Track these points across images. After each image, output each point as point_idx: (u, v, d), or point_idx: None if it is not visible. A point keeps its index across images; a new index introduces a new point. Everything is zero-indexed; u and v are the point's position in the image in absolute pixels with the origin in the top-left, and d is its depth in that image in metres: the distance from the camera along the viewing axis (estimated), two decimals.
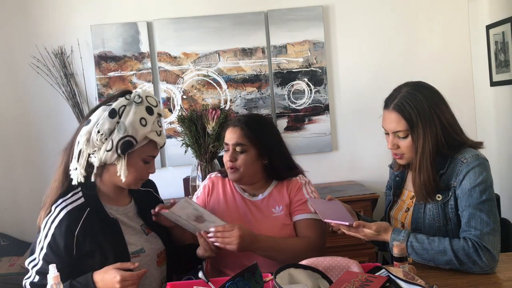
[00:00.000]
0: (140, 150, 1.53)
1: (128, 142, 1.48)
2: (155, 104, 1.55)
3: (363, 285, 1.24)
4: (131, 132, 1.48)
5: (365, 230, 1.55)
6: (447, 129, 1.56)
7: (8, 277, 2.69)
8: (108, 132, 1.47)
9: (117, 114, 1.48)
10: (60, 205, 1.48)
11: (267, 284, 1.37)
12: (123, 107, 1.49)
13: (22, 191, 3.16)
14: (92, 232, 1.48)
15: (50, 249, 1.45)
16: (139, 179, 1.58)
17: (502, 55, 2.88)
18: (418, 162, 1.57)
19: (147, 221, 1.65)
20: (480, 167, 1.52)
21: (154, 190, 1.79)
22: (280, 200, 1.79)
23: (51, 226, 1.46)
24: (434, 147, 1.55)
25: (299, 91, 3.21)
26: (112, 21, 3.14)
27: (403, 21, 3.23)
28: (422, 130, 1.54)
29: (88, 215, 1.49)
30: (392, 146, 1.62)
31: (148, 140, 1.53)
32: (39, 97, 3.13)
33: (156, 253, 1.61)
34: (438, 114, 1.55)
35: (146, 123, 1.50)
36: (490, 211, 1.50)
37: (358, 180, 3.23)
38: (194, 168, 2.83)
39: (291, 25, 3.17)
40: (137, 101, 1.51)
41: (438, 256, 1.49)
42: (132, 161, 1.53)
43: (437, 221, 1.58)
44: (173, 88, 3.18)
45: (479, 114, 3.21)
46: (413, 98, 1.56)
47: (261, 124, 1.84)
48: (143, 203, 1.68)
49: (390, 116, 1.60)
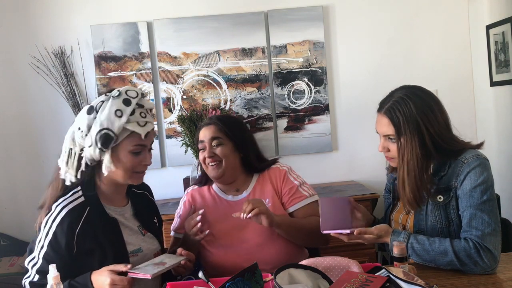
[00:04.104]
0: (124, 142, 1.52)
1: (105, 135, 1.47)
2: (134, 96, 1.52)
3: (363, 285, 1.24)
4: (106, 124, 1.47)
5: (365, 236, 1.54)
6: (435, 139, 1.54)
7: (8, 277, 2.69)
8: (87, 129, 1.49)
9: (94, 110, 1.49)
10: (61, 204, 1.49)
11: (267, 284, 1.37)
12: (101, 102, 1.50)
13: (22, 191, 3.16)
14: (92, 231, 1.49)
15: (51, 247, 1.45)
16: (132, 171, 1.56)
17: (502, 55, 2.88)
18: (405, 172, 1.55)
19: (143, 222, 1.67)
20: (481, 167, 1.52)
21: (149, 193, 1.80)
22: (267, 193, 1.80)
23: (52, 225, 1.47)
24: (421, 156, 1.53)
25: (299, 91, 3.21)
26: (112, 21, 3.14)
27: (403, 21, 3.22)
28: (410, 137, 1.53)
29: (89, 213, 1.50)
30: (382, 149, 1.63)
31: (130, 131, 1.51)
32: (39, 97, 3.13)
33: (153, 253, 1.63)
34: (426, 124, 1.52)
35: (122, 114, 1.48)
36: (491, 211, 1.50)
37: (358, 180, 3.23)
38: (194, 168, 2.84)
39: (291, 25, 3.17)
40: (114, 95, 1.51)
41: (439, 257, 1.49)
42: (120, 154, 1.52)
43: (439, 222, 1.58)
44: (173, 88, 3.18)
45: (479, 114, 3.21)
46: (403, 104, 1.55)
47: (232, 120, 1.92)
48: (138, 205, 1.69)
49: (381, 119, 1.60)
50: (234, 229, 1.75)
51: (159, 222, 1.79)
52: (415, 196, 1.56)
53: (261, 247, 1.71)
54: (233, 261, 1.69)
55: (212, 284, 1.39)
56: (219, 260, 1.73)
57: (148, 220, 1.71)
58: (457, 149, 1.56)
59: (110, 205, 1.59)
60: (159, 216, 1.82)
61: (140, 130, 1.51)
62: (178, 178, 3.05)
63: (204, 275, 1.43)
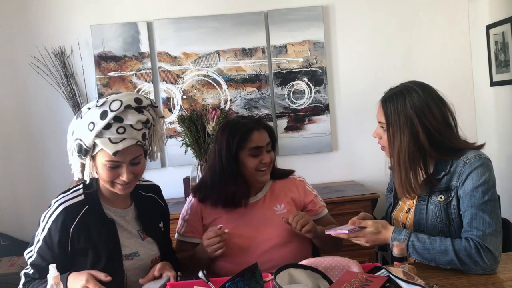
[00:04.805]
0: (99, 155, 1.45)
1: (79, 145, 1.44)
2: (115, 108, 1.41)
3: (363, 285, 1.24)
4: (79, 135, 1.44)
5: (365, 231, 1.55)
6: (433, 134, 1.54)
7: (8, 277, 2.69)
8: (70, 133, 1.48)
9: (80, 116, 1.46)
10: (59, 200, 1.50)
11: (267, 284, 1.37)
12: (87, 109, 1.45)
13: (22, 191, 3.15)
14: (87, 230, 1.49)
15: (45, 243, 1.46)
16: (110, 184, 1.50)
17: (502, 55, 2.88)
18: (396, 162, 1.60)
19: (145, 226, 1.63)
20: (483, 167, 1.52)
21: (158, 196, 1.74)
22: (281, 199, 1.83)
23: (48, 220, 1.48)
24: (413, 150, 1.55)
25: (299, 91, 3.21)
26: (112, 21, 3.14)
27: (403, 21, 3.22)
28: (399, 129, 1.56)
29: (86, 212, 1.49)
30: (376, 135, 1.68)
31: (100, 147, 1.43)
32: (39, 97, 3.13)
33: (151, 258, 1.60)
34: (422, 119, 1.54)
35: (94, 127, 1.41)
36: (493, 212, 1.50)
37: (358, 180, 3.23)
38: (194, 168, 2.84)
39: (291, 25, 3.17)
40: (98, 104, 1.44)
41: (439, 256, 1.49)
42: (97, 164, 1.48)
43: (439, 222, 1.58)
44: (173, 88, 3.18)
45: (479, 114, 3.21)
46: (400, 97, 1.58)
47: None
48: (143, 208, 1.65)
49: (379, 107, 1.65)
50: (249, 229, 1.75)
51: (165, 227, 1.73)
52: (403, 186, 1.60)
53: (277, 248, 1.73)
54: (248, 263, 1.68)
55: (212, 284, 1.39)
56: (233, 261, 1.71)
57: (151, 225, 1.66)
58: (458, 147, 1.57)
59: (110, 205, 1.57)
60: (167, 220, 1.77)
61: (110, 148, 1.41)
62: (178, 178, 3.05)
63: (204, 275, 1.43)
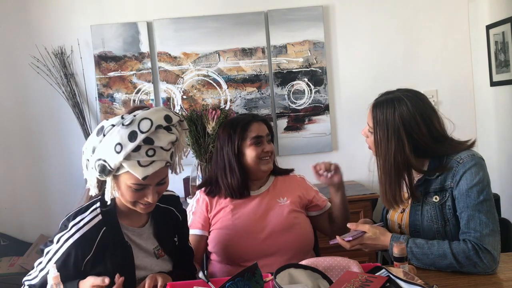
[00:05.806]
0: (123, 176, 1.37)
1: (102, 166, 1.35)
2: (145, 130, 1.32)
3: (363, 285, 1.24)
4: (103, 156, 1.34)
5: (365, 236, 1.60)
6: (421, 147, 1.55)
7: (8, 277, 2.69)
8: (91, 150, 1.38)
9: (102, 133, 1.36)
10: (77, 225, 1.42)
11: (267, 284, 1.37)
12: (111, 126, 1.36)
13: (22, 191, 3.15)
14: (103, 256, 1.43)
15: (59, 264, 1.40)
16: (132, 204, 1.43)
17: (502, 55, 2.88)
18: (381, 171, 1.62)
19: (162, 242, 1.57)
20: (476, 167, 1.52)
21: (176, 209, 1.65)
22: (285, 193, 1.91)
23: (64, 244, 1.41)
24: (398, 161, 1.56)
25: (299, 91, 3.21)
26: (112, 21, 3.14)
27: (403, 21, 3.22)
28: (385, 139, 1.57)
29: (103, 236, 1.43)
30: (364, 134, 1.72)
31: (127, 170, 1.35)
32: (39, 97, 3.13)
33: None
34: (410, 132, 1.54)
35: (121, 149, 1.32)
36: (489, 211, 1.50)
37: (358, 180, 3.22)
38: (194, 168, 2.84)
39: (291, 25, 3.17)
40: (125, 123, 1.34)
41: (438, 260, 1.49)
42: (120, 184, 1.40)
43: (435, 222, 1.58)
44: (173, 88, 3.18)
45: (479, 114, 3.21)
46: (390, 106, 1.58)
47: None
48: (160, 223, 1.58)
49: (369, 110, 1.67)
50: (253, 216, 1.83)
51: (180, 240, 1.65)
52: (386, 197, 1.62)
53: (280, 233, 1.81)
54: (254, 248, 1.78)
55: (212, 284, 1.39)
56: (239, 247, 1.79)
57: (167, 240, 1.60)
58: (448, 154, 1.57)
59: (127, 224, 1.51)
60: (183, 231, 1.69)
61: (139, 172, 1.34)
62: (178, 178, 3.02)
63: (204, 275, 1.43)
